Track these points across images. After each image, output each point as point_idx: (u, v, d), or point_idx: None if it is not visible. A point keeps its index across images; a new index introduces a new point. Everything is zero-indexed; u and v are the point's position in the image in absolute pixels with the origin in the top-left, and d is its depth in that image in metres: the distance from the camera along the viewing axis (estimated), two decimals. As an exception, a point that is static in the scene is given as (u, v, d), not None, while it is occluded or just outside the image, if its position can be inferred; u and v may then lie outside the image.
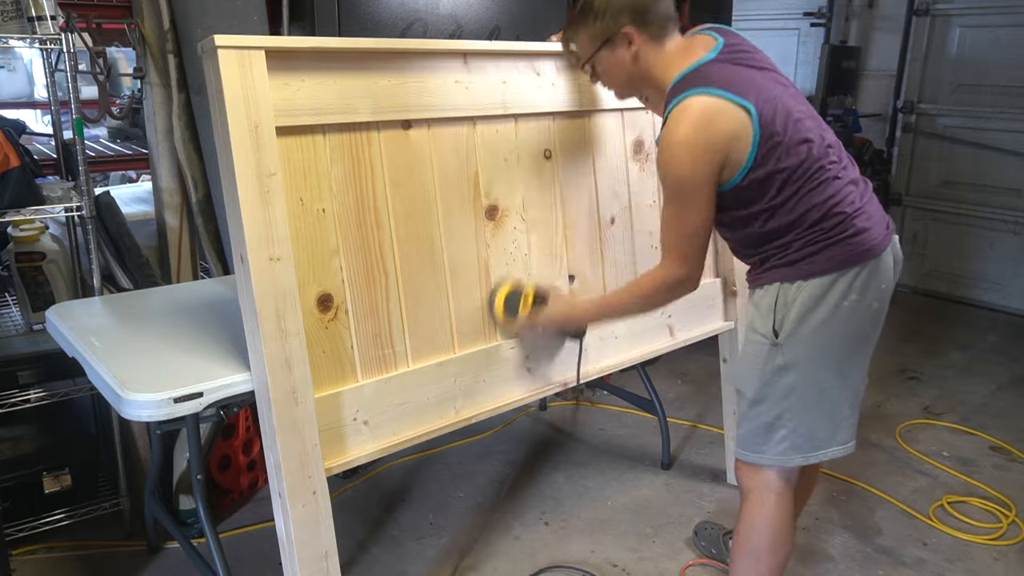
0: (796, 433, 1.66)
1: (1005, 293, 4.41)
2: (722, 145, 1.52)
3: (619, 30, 1.62)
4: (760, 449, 1.70)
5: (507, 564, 2.22)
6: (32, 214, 2.04)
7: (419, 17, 2.66)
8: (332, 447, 1.64)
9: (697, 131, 1.51)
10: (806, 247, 1.59)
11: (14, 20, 1.98)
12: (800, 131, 1.57)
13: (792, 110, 1.58)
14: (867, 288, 1.60)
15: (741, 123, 1.52)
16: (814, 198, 1.57)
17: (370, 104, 1.65)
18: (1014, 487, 2.63)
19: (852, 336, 1.64)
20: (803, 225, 1.58)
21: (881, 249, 1.61)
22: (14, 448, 2.21)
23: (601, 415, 3.15)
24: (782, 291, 1.62)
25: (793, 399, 1.65)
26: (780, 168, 1.55)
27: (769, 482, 1.72)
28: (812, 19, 4.90)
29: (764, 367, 1.66)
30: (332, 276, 1.63)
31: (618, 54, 1.65)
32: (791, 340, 1.62)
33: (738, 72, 1.57)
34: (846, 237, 1.57)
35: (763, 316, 1.65)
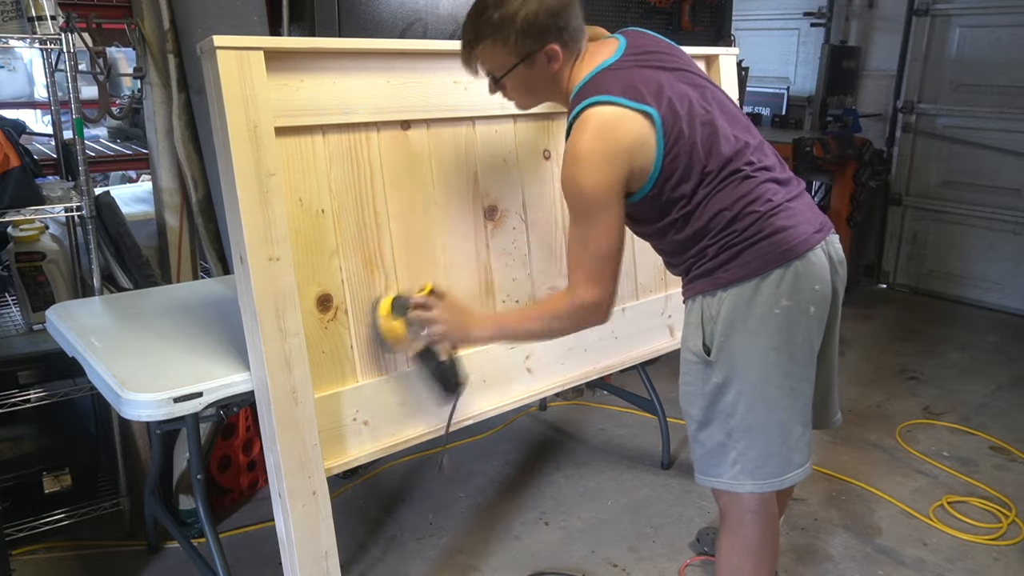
0: (746, 456, 1.54)
1: (1005, 293, 4.40)
2: (624, 155, 1.44)
3: (542, 48, 1.50)
4: (716, 472, 1.59)
5: (507, 564, 2.22)
6: (32, 214, 2.04)
7: (419, 17, 2.66)
8: (332, 447, 1.64)
9: (597, 143, 1.43)
10: (721, 252, 1.49)
11: (14, 20, 1.98)
12: (708, 131, 1.49)
13: (700, 107, 1.50)
14: (797, 291, 1.48)
15: (643, 129, 1.44)
16: (724, 199, 1.47)
17: (369, 104, 1.65)
18: (1014, 487, 2.63)
19: (792, 345, 1.50)
20: (715, 229, 1.49)
21: (805, 248, 1.48)
22: (14, 448, 2.21)
23: (601, 415, 3.14)
24: (705, 304, 1.53)
25: (737, 418, 1.53)
26: (689, 172, 1.47)
27: (745, 503, 1.60)
28: (812, 19, 4.90)
29: (703, 387, 1.56)
30: (332, 276, 1.63)
31: (536, 70, 1.53)
32: (723, 355, 1.51)
33: (639, 75, 1.49)
34: (762, 237, 1.47)
35: (692, 332, 1.55)
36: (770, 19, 5.15)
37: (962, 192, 4.47)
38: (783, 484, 1.57)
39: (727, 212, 1.47)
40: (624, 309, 2.19)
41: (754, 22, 5.15)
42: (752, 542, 1.62)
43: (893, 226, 4.78)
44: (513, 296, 1.93)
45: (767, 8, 5.13)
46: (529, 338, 1.70)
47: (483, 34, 1.52)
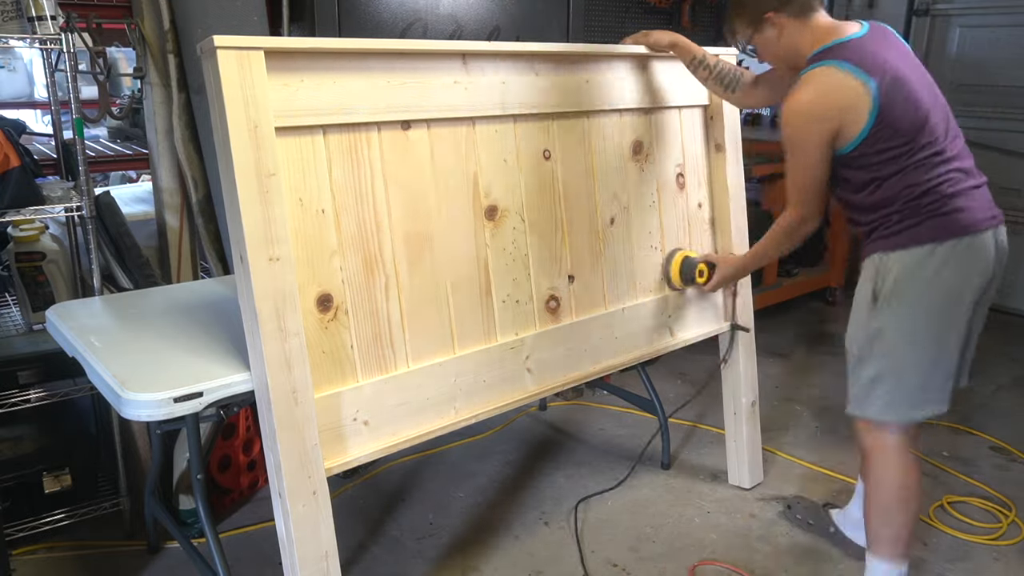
0: (895, 391, 1.81)
1: (1005, 293, 4.40)
2: (835, 115, 1.70)
3: (763, 16, 1.84)
4: (863, 404, 1.87)
5: (507, 564, 2.23)
6: (32, 214, 2.04)
7: (419, 17, 2.66)
8: (332, 447, 1.64)
9: (813, 100, 1.71)
10: (904, 220, 1.74)
11: (14, 20, 1.98)
12: (918, 115, 1.71)
13: (916, 94, 1.72)
14: (961, 262, 1.74)
15: (858, 97, 1.68)
16: (917, 177, 1.72)
17: (369, 104, 1.65)
18: (1014, 487, 2.63)
19: (946, 306, 1.77)
20: (902, 199, 1.73)
21: (976, 228, 1.74)
22: (14, 448, 2.21)
23: (601, 415, 3.15)
24: (882, 260, 1.79)
25: (891, 360, 1.80)
26: (890, 145, 1.71)
27: (886, 440, 1.87)
28: (812, 19, 4.89)
29: (866, 328, 1.83)
30: (332, 276, 1.63)
31: (767, 35, 1.86)
32: (888, 304, 1.78)
33: (875, 52, 1.72)
34: (942, 213, 1.72)
35: (865, 282, 1.83)
36: (770, 19, 5.15)
37: (962, 192, 4.47)
38: (921, 416, 1.84)
39: (916, 187, 1.72)
40: (624, 309, 2.19)
41: (754, 22, 5.15)
42: (895, 479, 1.87)
43: (893, 226, 4.77)
44: (513, 296, 1.93)
45: (767, 8, 5.12)
46: (770, 258, 2.10)
47: (731, 14, 1.93)
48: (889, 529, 1.89)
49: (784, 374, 3.58)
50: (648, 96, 2.20)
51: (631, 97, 2.16)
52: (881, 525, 1.90)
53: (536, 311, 1.99)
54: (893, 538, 1.90)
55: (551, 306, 2.02)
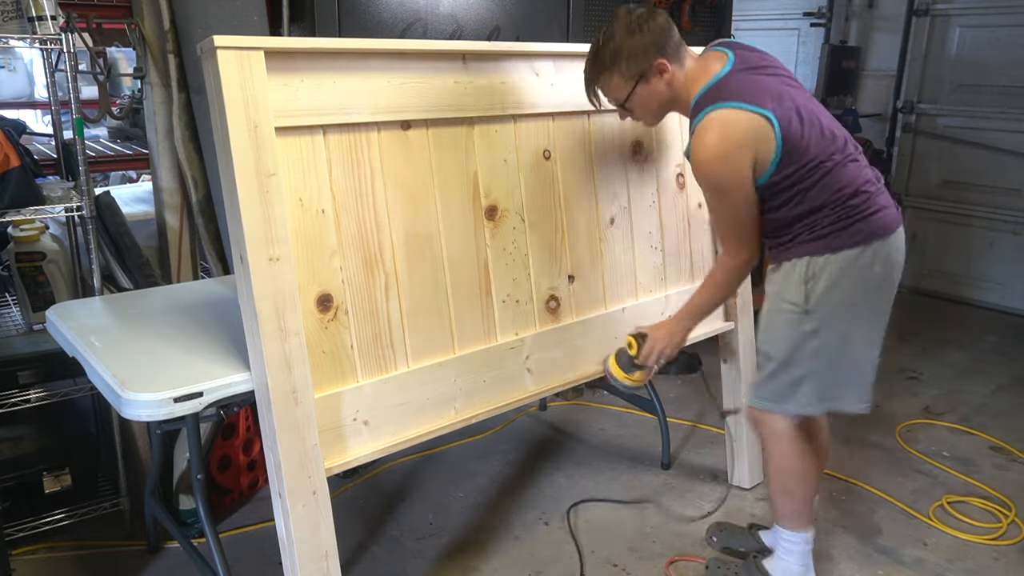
0: (820, 387, 1.86)
1: (1005, 293, 4.40)
2: (748, 150, 1.70)
3: (652, 64, 1.77)
4: (782, 401, 1.89)
5: (507, 564, 2.23)
6: (32, 214, 2.04)
7: (419, 17, 2.66)
8: (332, 447, 1.64)
9: (723, 141, 1.69)
10: (836, 223, 1.76)
11: (14, 20, 1.98)
12: (817, 126, 1.74)
13: (806, 107, 1.75)
14: (888, 260, 1.79)
15: (762, 130, 1.69)
16: (841, 180, 1.74)
17: (369, 104, 1.65)
18: (1014, 487, 2.63)
19: (875, 302, 1.83)
20: (832, 203, 1.75)
21: (897, 225, 1.81)
22: (14, 448, 2.21)
23: (601, 415, 3.15)
24: (811, 263, 1.78)
25: (821, 359, 1.83)
26: (804, 161, 1.72)
27: (783, 430, 1.92)
28: (812, 19, 4.90)
29: (795, 332, 1.83)
30: (332, 276, 1.63)
31: (652, 85, 1.80)
32: (820, 307, 1.79)
33: (753, 82, 1.74)
34: (871, 213, 1.76)
35: (794, 286, 1.81)
36: (770, 19, 5.15)
37: (962, 192, 4.47)
38: (843, 407, 1.89)
39: (847, 190, 1.75)
40: (624, 309, 2.19)
41: (754, 22, 5.15)
42: (786, 461, 1.95)
43: (893, 226, 4.77)
44: (513, 296, 1.93)
45: (767, 8, 5.13)
46: (713, 307, 2.02)
47: (601, 69, 1.81)
48: (791, 504, 1.99)
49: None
50: (648, 96, 2.20)
51: (631, 97, 2.16)
52: (784, 503, 2.00)
53: (536, 311, 1.99)
54: (796, 511, 2.00)
55: (551, 306, 2.02)
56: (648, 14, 1.79)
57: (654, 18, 1.78)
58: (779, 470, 1.99)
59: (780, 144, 1.69)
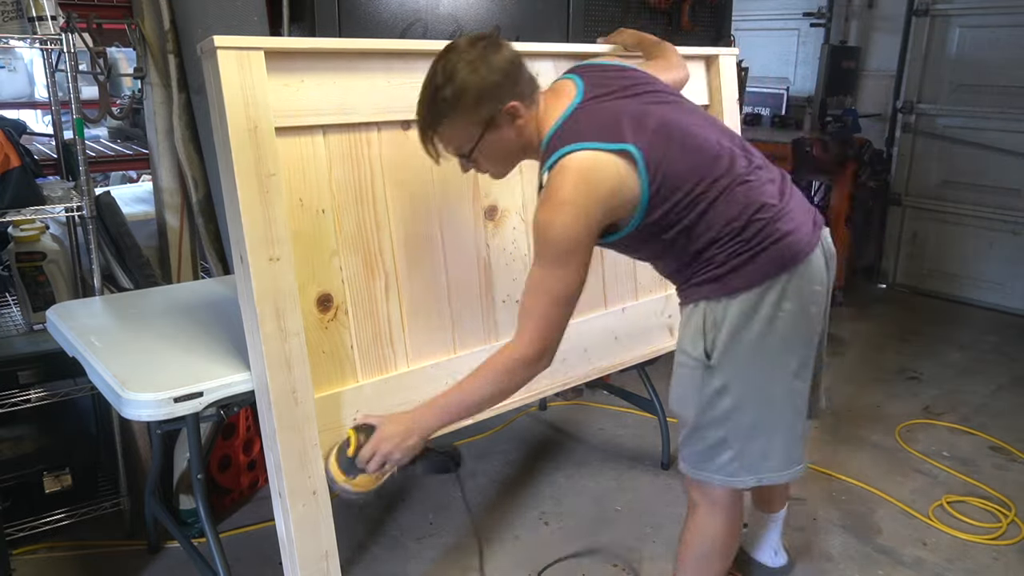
0: (743, 454, 1.58)
1: (1005, 293, 4.40)
2: (605, 199, 1.43)
3: (502, 108, 1.46)
4: (705, 468, 1.62)
5: (507, 564, 2.23)
6: (32, 214, 2.04)
7: (419, 17, 2.66)
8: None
9: (577, 189, 1.41)
10: (730, 259, 1.49)
11: (14, 20, 1.98)
12: (693, 146, 1.49)
13: (678, 125, 1.51)
14: (800, 294, 1.50)
15: (622, 170, 1.43)
16: (730, 209, 1.48)
17: (370, 104, 1.65)
18: (1014, 487, 2.63)
19: (793, 345, 1.54)
20: (724, 238, 1.49)
21: (810, 250, 1.52)
22: (14, 448, 2.21)
23: (601, 415, 3.14)
24: (709, 310, 1.53)
25: (736, 420, 1.56)
26: (683, 191, 1.47)
27: (717, 497, 1.66)
28: (812, 19, 4.90)
29: (701, 391, 1.57)
30: (332, 276, 1.63)
31: (502, 132, 1.49)
32: (725, 360, 1.52)
33: (607, 113, 1.49)
34: (771, 243, 1.48)
35: (692, 338, 1.56)
36: (770, 19, 5.15)
37: (962, 192, 4.47)
38: (777, 480, 1.62)
39: (735, 222, 1.48)
40: (624, 309, 2.19)
41: (754, 22, 5.15)
42: (721, 534, 1.70)
43: (893, 226, 4.78)
44: (513, 296, 1.93)
45: (767, 8, 5.13)
46: (480, 405, 1.56)
47: (441, 113, 1.46)
48: None
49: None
50: (648, 96, 2.20)
51: (631, 97, 2.15)
52: (697, 572, 1.75)
53: (536, 311, 1.98)
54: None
55: (551, 306, 2.02)
56: (493, 46, 1.46)
57: (500, 50, 1.47)
58: (703, 537, 1.71)
59: (646, 179, 1.44)
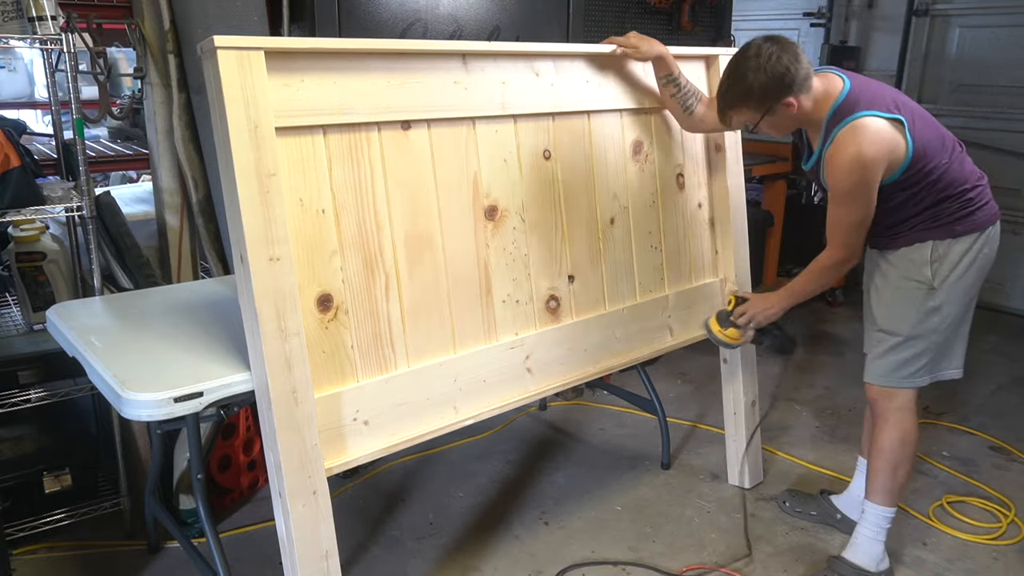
0: (933, 361, 2.05)
1: (1005, 293, 4.40)
2: (886, 156, 1.85)
3: (779, 103, 1.88)
4: (896, 376, 2.05)
5: (507, 564, 2.23)
6: (32, 214, 2.04)
7: (419, 17, 2.66)
8: (332, 447, 1.64)
9: (869, 147, 1.83)
10: (959, 211, 1.95)
11: (14, 20, 1.98)
12: (931, 123, 1.93)
13: (918, 111, 1.93)
14: (993, 244, 2.03)
15: (897, 134, 1.85)
16: (959, 173, 1.94)
17: (370, 104, 1.65)
18: (1014, 487, 2.63)
19: (980, 280, 2.04)
20: (955, 194, 1.94)
21: (998, 216, 2.05)
22: (14, 448, 2.21)
23: (601, 415, 3.15)
24: (935, 246, 1.97)
25: (939, 334, 2.02)
26: (929, 160, 1.88)
27: (907, 403, 2.07)
28: (812, 19, 4.90)
29: (919, 308, 2.00)
30: (332, 276, 1.63)
31: (779, 116, 1.91)
32: (945, 286, 1.98)
33: (877, 91, 1.91)
34: (985, 204, 1.99)
35: (919, 266, 1.99)
36: (770, 19, 5.15)
37: (962, 192, 4.47)
38: (945, 376, 2.09)
39: (966, 184, 1.95)
40: (624, 309, 2.19)
41: (754, 22, 5.15)
42: (909, 433, 2.08)
43: (893, 226, 4.77)
44: (513, 296, 1.93)
45: (767, 8, 5.13)
46: (808, 294, 2.15)
47: (732, 104, 1.93)
48: (897, 480, 2.09)
49: (784, 374, 3.58)
50: (648, 96, 2.20)
51: (631, 97, 2.16)
52: (890, 478, 2.09)
53: (536, 311, 1.99)
54: (898, 487, 2.10)
55: (551, 306, 2.02)
56: (779, 51, 1.84)
57: (786, 52, 1.84)
58: (895, 443, 2.07)
59: (911, 144, 1.85)
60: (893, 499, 2.12)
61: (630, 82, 2.15)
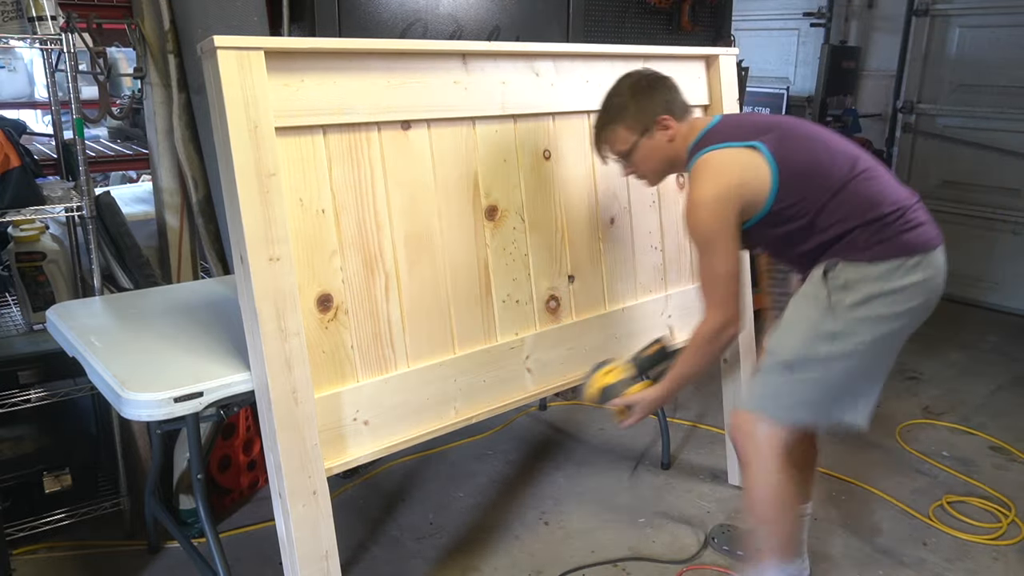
0: (820, 401, 1.77)
1: (1005, 293, 4.40)
2: (736, 187, 1.70)
3: (656, 119, 1.80)
4: (779, 406, 1.77)
5: (507, 564, 2.23)
6: (32, 214, 2.04)
7: (419, 17, 2.66)
8: (332, 447, 1.64)
9: (715, 181, 1.70)
10: (873, 237, 1.69)
11: (14, 20, 1.98)
12: (822, 145, 1.76)
13: (805, 131, 1.78)
14: (925, 276, 1.72)
15: (753, 159, 1.71)
16: (866, 196, 1.70)
17: (369, 104, 1.65)
18: (1014, 487, 2.63)
19: (902, 321, 1.73)
20: (867, 221, 1.69)
21: (939, 243, 1.76)
22: (14, 448, 2.21)
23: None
24: (845, 267, 1.70)
25: (831, 367, 1.73)
26: (811, 181, 1.71)
27: (771, 441, 1.77)
28: (812, 19, 4.90)
29: (811, 332, 1.74)
30: (332, 276, 1.63)
31: (655, 141, 1.82)
32: (847, 313, 1.70)
33: (740, 123, 1.81)
34: (912, 227, 1.71)
35: (820, 286, 1.73)
36: (770, 19, 5.15)
37: (962, 192, 4.47)
38: (841, 420, 1.80)
39: (878, 209, 1.69)
40: (624, 309, 2.19)
41: (754, 22, 5.15)
42: (775, 484, 1.79)
43: (893, 226, 4.77)
44: (513, 296, 1.93)
45: (767, 8, 5.13)
46: (696, 375, 1.88)
47: (607, 120, 1.84)
48: (774, 531, 1.82)
49: (784, 374, 3.57)
50: (648, 96, 2.20)
51: (631, 97, 2.16)
52: (766, 530, 1.83)
53: (536, 311, 1.99)
54: (779, 540, 1.83)
55: (551, 306, 2.02)
56: (657, 76, 1.85)
57: (663, 80, 1.84)
58: (762, 489, 1.81)
59: (775, 168, 1.70)
60: (778, 553, 1.83)
61: (630, 82, 2.15)
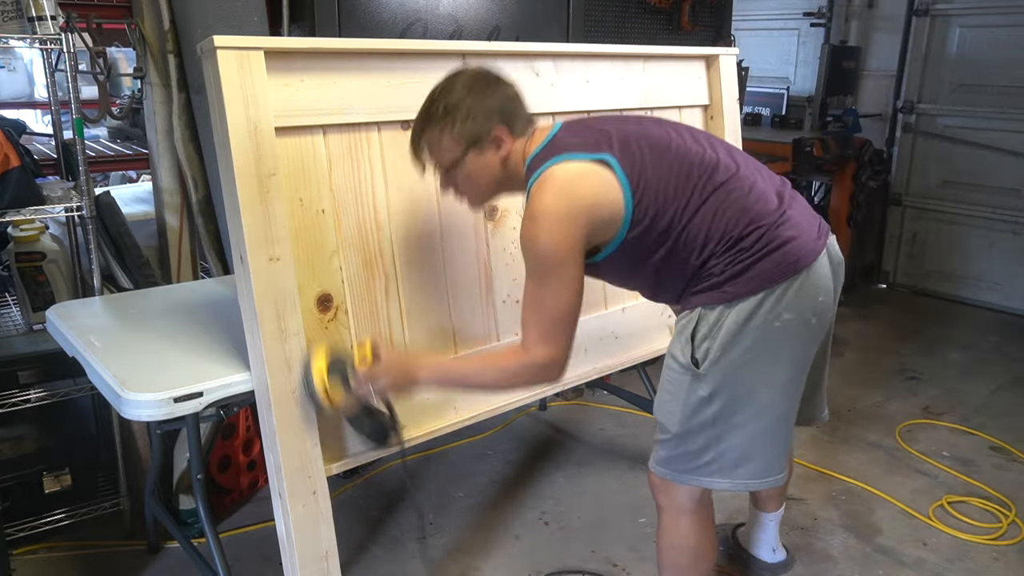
0: (721, 460, 1.55)
1: (1005, 293, 4.40)
2: (587, 210, 1.43)
3: (489, 132, 1.50)
4: (684, 473, 1.59)
5: (507, 564, 2.23)
6: (32, 214, 2.04)
7: (419, 17, 2.66)
8: (332, 447, 1.64)
9: (559, 199, 1.42)
10: (727, 268, 1.46)
11: (14, 20, 1.98)
12: (671, 152, 1.50)
13: (657, 139, 1.52)
14: (800, 304, 1.47)
15: (604, 177, 1.45)
16: (725, 217, 1.46)
17: (369, 104, 1.65)
18: (1014, 487, 2.63)
19: (786, 357, 1.51)
20: (721, 248, 1.47)
21: (813, 257, 1.48)
22: (14, 448, 2.21)
23: (601, 415, 3.14)
24: (703, 317, 1.49)
25: (720, 428, 1.53)
26: (665, 197, 1.46)
27: (683, 503, 1.64)
28: (812, 19, 4.90)
29: (687, 399, 1.54)
30: (332, 276, 1.63)
31: (486, 157, 1.52)
32: (715, 369, 1.49)
33: (586, 130, 1.53)
34: (771, 251, 1.45)
35: (682, 344, 1.52)
36: (770, 19, 5.15)
37: (962, 192, 4.47)
38: (757, 487, 1.63)
39: (733, 231, 1.46)
40: (624, 309, 2.19)
41: (754, 22, 5.15)
42: (691, 538, 1.67)
43: (893, 226, 4.78)
44: (514, 296, 1.93)
45: (767, 8, 5.13)
46: (478, 387, 1.64)
47: (430, 122, 1.50)
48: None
49: (784, 374, 3.57)
50: (648, 96, 2.20)
51: (631, 97, 2.16)
52: None
53: (536, 311, 1.98)
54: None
55: (551, 306, 2.02)
56: (498, 78, 1.53)
57: (501, 83, 1.53)
58: (672, 547, 1.68)
59: (627, 185, 1.45)
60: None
61: (630, 82, 2.15)
